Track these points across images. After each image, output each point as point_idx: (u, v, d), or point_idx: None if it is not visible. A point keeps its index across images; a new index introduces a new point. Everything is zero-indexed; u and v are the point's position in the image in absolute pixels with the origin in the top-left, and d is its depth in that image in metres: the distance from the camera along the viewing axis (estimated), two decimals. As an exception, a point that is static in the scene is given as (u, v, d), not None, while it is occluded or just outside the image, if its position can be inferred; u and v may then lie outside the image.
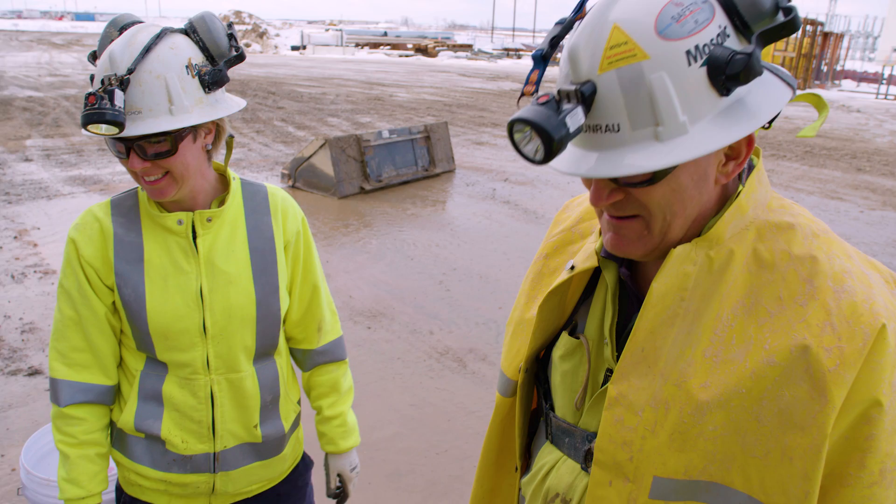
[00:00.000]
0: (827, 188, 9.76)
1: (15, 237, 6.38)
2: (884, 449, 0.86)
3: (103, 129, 1.28)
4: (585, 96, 0.81)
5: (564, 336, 1.12)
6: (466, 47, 52.63)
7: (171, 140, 1.38)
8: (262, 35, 49.62)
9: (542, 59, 0.90)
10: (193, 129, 1.42)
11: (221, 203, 1.55)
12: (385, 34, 61.13)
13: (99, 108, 1.25)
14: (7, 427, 3.47)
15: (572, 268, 1.08)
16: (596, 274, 1.12)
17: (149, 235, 1.50)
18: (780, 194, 1.01)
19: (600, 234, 1.08)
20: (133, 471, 1.60)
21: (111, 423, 1.61)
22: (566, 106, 0.80)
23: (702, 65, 0.80)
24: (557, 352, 1.13)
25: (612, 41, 0.80)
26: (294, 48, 49.30)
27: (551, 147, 0.78)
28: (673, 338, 0.92)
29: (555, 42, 0.88)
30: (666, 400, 0.91)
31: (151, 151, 1.37)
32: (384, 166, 8.92)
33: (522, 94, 0.89)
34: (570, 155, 0.89)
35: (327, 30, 62.97)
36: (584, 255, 1.08)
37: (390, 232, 7.02)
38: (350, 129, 13.23)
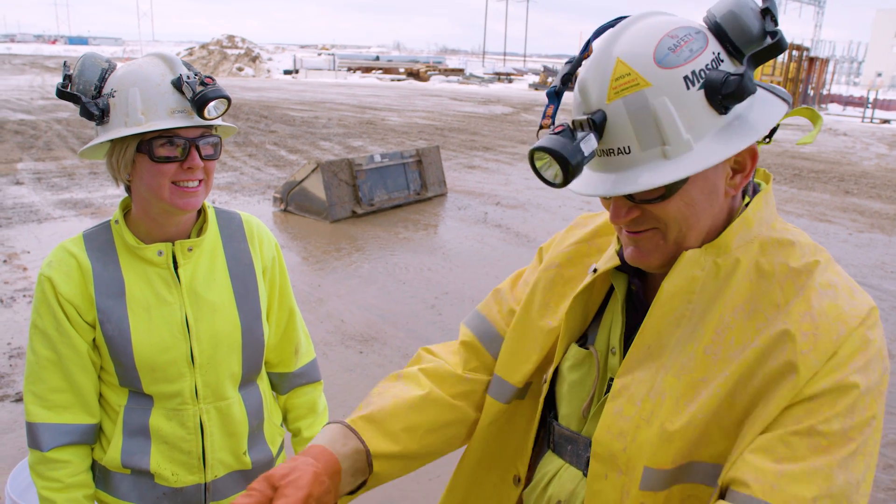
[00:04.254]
0: (816, 211, 9.85)
1: (5, 261, 6.34)
2: (836, 428, 0.88)
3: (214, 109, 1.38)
4: (597, 124, 0.91)
5: (574, 347, 1.16)
6: (458, 72, 53.07)
7: (220, 143, 1.47)
8: (254, 59, 49.90)
9: (556, 95, 0.99)
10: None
11: (199, 232, 1.56)
12: (377, 58, 61.60)
13: None
14: (-7, 455, 3.42)
15: (595, 270, 1.13)
16: (610, 290, 1.16)
17: (128, 268, 1.49)
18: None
19: (618, 240, 1.14)
20: None
21: (93, 462, 1.57)
22: (580, 134, 0.90)
23: (699, 87, 0.90)
24: (567, 363, 1.16)
25: (617, 73, 0.90)
26: (286, 72, 49.56)
27: (568, 171, 0.88)
28: (678, 337, 0.99)
29: (566, 79, 0.98)
30: (664, 390, 0.97)
31: (205, 153, 1.43)
32: (376, 190, 8.95)
33: (541, 128, 0.98)
34: (588, 178, 0.98)
35: (320, 54, 63.42)
36: (606, 258, 1.14)
37: (382, 256, 7.02)
38: (342, 153, 13.27)
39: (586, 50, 0.97)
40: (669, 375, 0.97)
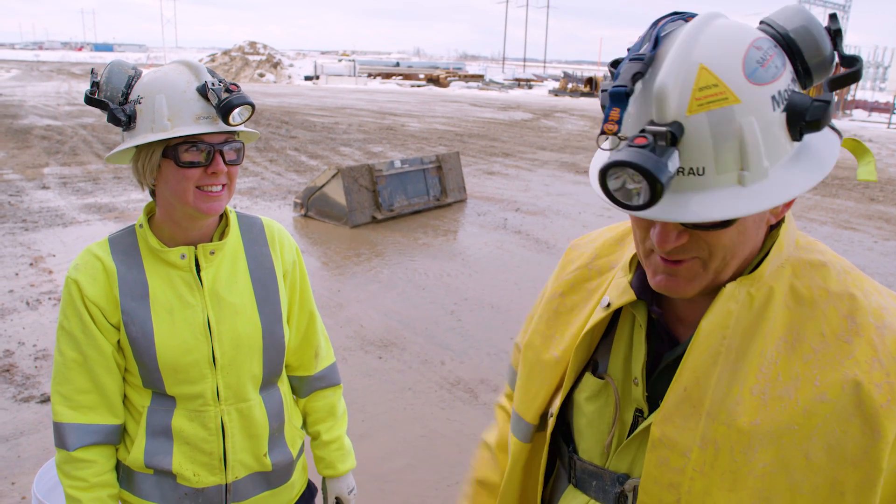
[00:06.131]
0: (840, 218, 9.71)
1: (31, 264, 6.45)
2: None
3: (240, 115, 1.41)
4: (676, 138, 0.78)
5: (589, 377, 1.10)
6: (478, 77, 53.15)
7: (242, 148, 1.50)
8: (275, 65, 50.37)
9: (626, 97, 0.83)
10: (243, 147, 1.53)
11: (221, 235, 1.59)
12: (397, 64, 61.89)
13: None
14: (18, 455, 3.47)
15: (608, 305, 1.06)
16: (616, 312, 1.10)
17: (151, 271, 1.52)
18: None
19: (630, 267, 1.08)
20: None
21: (117, 462, 1.59)
22: (662, 149, 0.78)
23: (783, 110, 0.81)
24: (582, 394, 1.11)
25: (702, 82, 0.79)
26: (307, 78, 49.95)
27: (656, 189, 0.76)
28: (717, 376, 0.92)
29: (637, 78, 0.83)
30: (715, 440, 0.91)
31: (228, 158, 1.46)
32: (396, 196, 8.98)
33: (603, 132, 0.84)
34: None
35: (340, 60, 63.79)
36: (619, 291, 1.06)
37: (402, 261, 7.04)
38: (362, 159, 13.34)
39: (656, 47, 0.84)
40: (718, 423, 0.91)
